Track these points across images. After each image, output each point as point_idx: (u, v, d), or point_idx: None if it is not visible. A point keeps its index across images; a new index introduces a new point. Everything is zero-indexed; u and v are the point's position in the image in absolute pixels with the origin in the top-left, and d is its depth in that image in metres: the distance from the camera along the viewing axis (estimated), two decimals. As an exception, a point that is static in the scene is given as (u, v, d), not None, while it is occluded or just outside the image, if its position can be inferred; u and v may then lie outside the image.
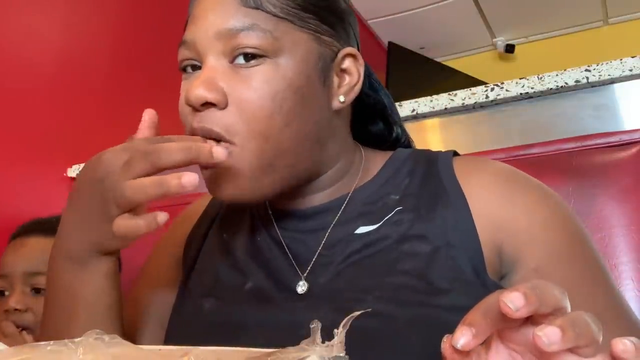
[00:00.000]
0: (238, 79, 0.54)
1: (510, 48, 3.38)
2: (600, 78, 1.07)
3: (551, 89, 1.11)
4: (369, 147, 0.68)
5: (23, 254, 1.03)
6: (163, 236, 0.75)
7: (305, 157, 0.58)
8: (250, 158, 0.54)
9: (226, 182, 0.55)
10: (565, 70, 1.10)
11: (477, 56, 3.54)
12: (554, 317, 0.35)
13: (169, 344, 0.58)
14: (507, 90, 1.15)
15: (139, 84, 1.69)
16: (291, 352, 0.35)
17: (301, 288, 0.57)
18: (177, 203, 0.88)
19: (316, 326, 0.37)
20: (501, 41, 3.39)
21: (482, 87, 1.18)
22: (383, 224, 0.58)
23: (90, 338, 0.38)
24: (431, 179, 0.61)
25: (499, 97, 1.16)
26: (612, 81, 1.08)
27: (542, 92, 1.13)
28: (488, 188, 0.58)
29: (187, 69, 0.58)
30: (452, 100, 1.20)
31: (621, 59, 1.06)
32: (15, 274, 1.01)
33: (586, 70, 1.08)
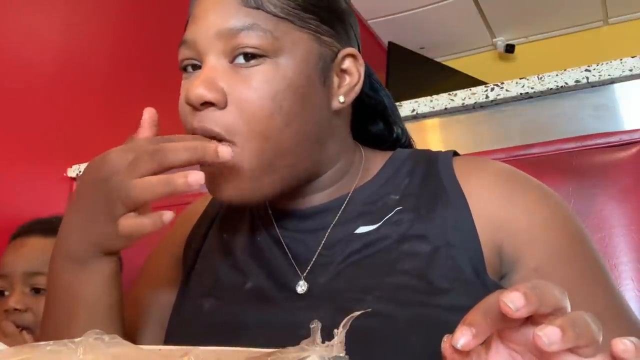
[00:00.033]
0: (238, 79, 0.54)
1: (510, 48, 3.38)
2: (600, 78, 1.07)
3: (551, 89, 1.11)
4: (369, 147, 0.68)
5: (23, 254, 1.03)
6: (163, 236, 0.75)
7: (305, 157, 0.58)
8: (250, 158, 0.54)
9: (226, 183, 0.55)
10: (565, 70, 1.10)
11: (477, 56, 3.54)
12: (554, 317, 0.35)
13: (169, 344, 0.58)
14: (507, 90, 1.15)
15: (139, 84, 1.69)
16: (291, 352, 0.35)
17: (301, 288, 0.57)
18: (177, 203, 0.88)
19: (316, 326, 0.37)
20: (501, 41, 3.39)
21: (482, 87, 1.18)
22: (383, 224, 0.58)
23: (90, 338, 0.38)
24: (431, 179, 0.61)
25: (499, 97, 1.16)
26: (612, 81, 1.08)
27: (542, 92, 1.13)
28: (488, 188, 0.58)
29: (188, 69, 0.58)
30: (452, 100, 1.20)
31: (621, 59, 1.06)
32: (15, 274, 1.01)
33: (586, 70, 1.08)
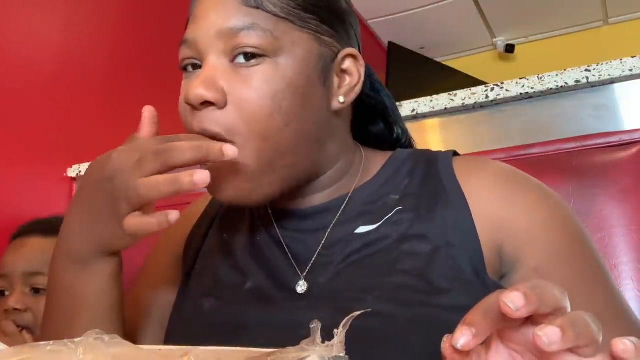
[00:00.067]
0: (238, 79, 0.54)
1: (510, 48, 3.38)
2: (600, 78, 1.07)
3: (551, 89, 1.11)
4: (370, 148, 0.68)
5: (23, 254, 1.03)
6: (163, 236, 0.75)
7: (304, 158, 0.58)
8: (250, 158, 0.54)
9: (225, 183, 0.55)
10: (565, 70, 1.10)
11: (477, 56, 3.54)
12: (554, 317, 0.35)
13: (169, 344, 0.58)
14: (507, 90, 1.15)
15: (139, 84, 1.69)
16: (291, 352, 0.35)
17: (301, 288, 0.57)
18: (177, 203, 0.88)
19: (316, 326, 0.37)
20: (501, 41, 3.39)
21: (482, 87, 1.18)
22: (383, 224, 0.58)
23: (90, 338, 0.38)
24: (431, 179, 0.61)
25: (499, 97, 1.16)
26: (612, 81, 1.08)
27: (542, 92, 1.13)
28: (488, 188, 0.58)
29: (188, 68, 0.58)
30: (452, 100, 1.20)
31: (621, 59, 1.06)
32: (15, 274, 1.01)
33: (586, 70, 1.08)
